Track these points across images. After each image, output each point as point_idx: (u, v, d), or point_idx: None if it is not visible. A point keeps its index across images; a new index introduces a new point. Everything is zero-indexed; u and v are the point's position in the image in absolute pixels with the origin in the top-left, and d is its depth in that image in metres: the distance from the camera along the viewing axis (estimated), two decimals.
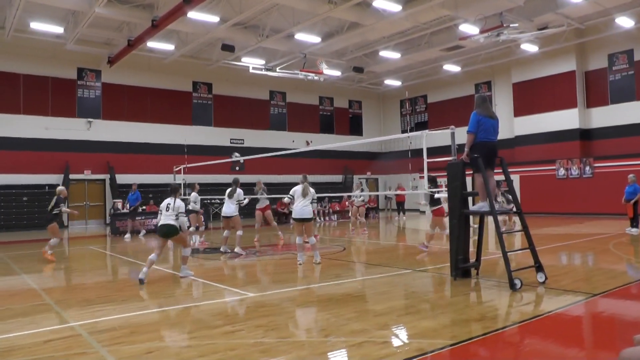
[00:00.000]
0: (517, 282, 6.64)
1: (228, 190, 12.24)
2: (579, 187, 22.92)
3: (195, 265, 10.28)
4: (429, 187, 10.65)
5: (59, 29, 20.20)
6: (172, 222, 8.54)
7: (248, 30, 21.45)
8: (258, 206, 14.68)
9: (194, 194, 14.38)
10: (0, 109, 21.95)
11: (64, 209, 11.90)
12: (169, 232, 8.55)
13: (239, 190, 12.22)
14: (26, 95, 22.66)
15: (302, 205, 9.74)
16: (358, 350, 4.41)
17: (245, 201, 12.76)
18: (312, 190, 9.93)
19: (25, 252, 13.60)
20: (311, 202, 9.88)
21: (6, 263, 11.57)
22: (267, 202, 14.67)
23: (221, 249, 12.19)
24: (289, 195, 10.03)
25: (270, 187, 14.97)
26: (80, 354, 4.56)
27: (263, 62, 24.63)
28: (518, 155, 25.83)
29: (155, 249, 8.64)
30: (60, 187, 12.29)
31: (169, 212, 8.58)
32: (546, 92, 25.17)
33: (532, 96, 25.74)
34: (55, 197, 11.70)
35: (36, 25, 19.51)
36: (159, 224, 8.71)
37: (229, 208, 12.15)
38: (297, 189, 9.93)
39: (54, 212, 11.67)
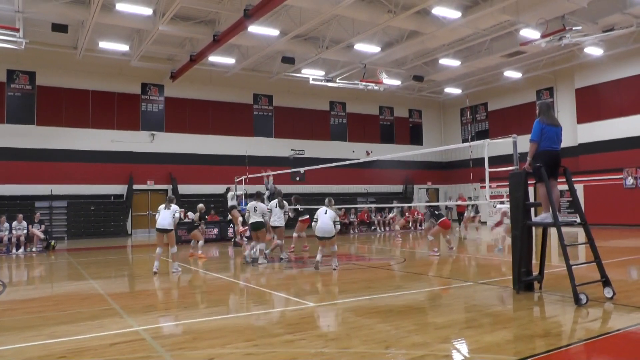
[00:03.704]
0: (583, 297, 6.36)
1: (276, 201, 12.78)
2: None
3: (256, 274, 10.48)
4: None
5: (124, 47, 21.29)
6: (261, 219, 11.66)
7: (308, 42, 21.74)
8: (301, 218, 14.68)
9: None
10: (71, 124, 23.26)
11: (202, 226, 15.08)
12: (259, 226, 11.68)
13: (285, 202, 12.91)
14: (94, 110, 23.86)
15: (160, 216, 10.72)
16: None
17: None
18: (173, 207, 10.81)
19: (93, 259, 14.27)
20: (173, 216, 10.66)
21: (76, 269, 12.19)
22: (307, 216, 14.68)
23: (281, 256, 12.51)
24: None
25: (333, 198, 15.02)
26: (144, 357, 4.73)
27: (323, 73, 24.90)
28: (582, 164, 24.79)
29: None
30: (201, 205, 14.92)
31: (257, 212, 11.69)
32: (612, 98, 24.11)
33: (597, 102, 24.71)
34: (199, 213, 14.56)
35: (104, 45, 20.66)
36: (250, 222, 11.80)
37: (279, 219, 12.63)
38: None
39: (196, 224, 14.39)
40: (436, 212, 13.04)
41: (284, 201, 12.87)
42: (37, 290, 9.55)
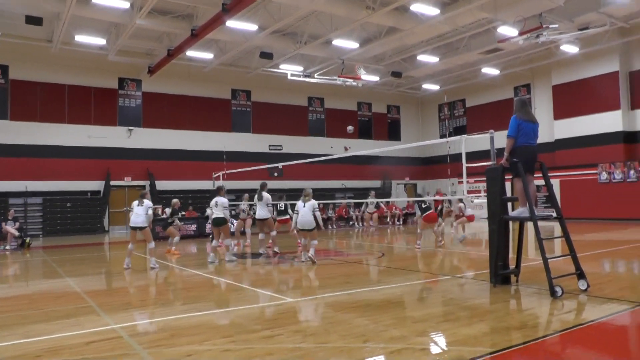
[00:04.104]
0: (558, 289, 6.47)
1: (256, 195, 12.94)
2: (622, 191, 22.18)
3: (234, 270, 10.43)
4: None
5: (101, 41, 20.91)
6: (222, 215, 11.40)
7: (286, 38, 21.65)
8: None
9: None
10: (47, 119, 22.79)
11: (177, 221, 14.35)
12: (220, 222, 11.43)
13: (267, 195, 12.88)
14: (70, 105, 23.42)
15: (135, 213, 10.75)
16: (397, 357, 4.38)
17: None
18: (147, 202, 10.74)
19: (68, 257, 14.04)
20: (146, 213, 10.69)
21: (51, 266, 11.98)
22: (287, 216, 14.70)
23: (260, 251, 12.57)
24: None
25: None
26: (121, 355, 4.66)
27: (301, 68, 24.84)
28: (558, 160, 25.20)
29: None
30: (175, 200, 14.54)
31: (218, 207, 11.40)
32: (588, 94, 24.51)
33: (573, 99, 25.10)
34: (171, 209, 14.18)
35: (80, 38, 20.25)
36: (212, 217, 11.63)
37: (262, 211, 12.71)
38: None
39: (169, 220, 14.07)
40: (422, 206, 13.17)
41: (264, 193, 12.82)
42: (11, 289, 9.36)
